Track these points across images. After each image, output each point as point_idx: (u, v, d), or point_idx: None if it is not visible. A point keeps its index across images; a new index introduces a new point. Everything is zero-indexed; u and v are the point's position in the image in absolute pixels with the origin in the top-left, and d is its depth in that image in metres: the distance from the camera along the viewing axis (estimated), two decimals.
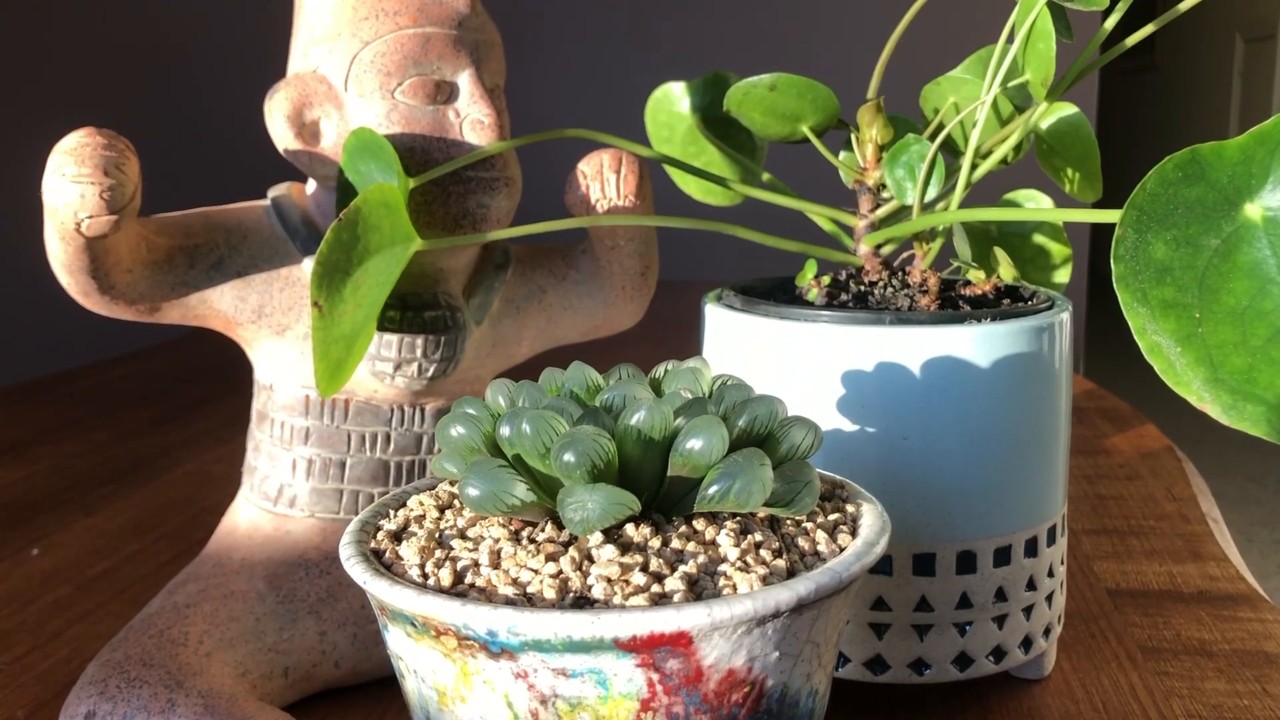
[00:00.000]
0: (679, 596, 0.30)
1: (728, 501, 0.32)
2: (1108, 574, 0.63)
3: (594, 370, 0.37)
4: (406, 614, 0.31)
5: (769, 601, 0.29)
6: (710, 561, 0.32)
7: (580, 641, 0.29)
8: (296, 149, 0.50)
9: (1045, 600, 0.51)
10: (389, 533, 0.35)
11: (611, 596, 0.30)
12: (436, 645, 0.31)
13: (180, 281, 0.50)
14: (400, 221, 0.45)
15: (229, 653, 0.48)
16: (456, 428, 0.34)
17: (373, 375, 0.51)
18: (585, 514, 0.31)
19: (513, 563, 0.32)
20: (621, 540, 0.32)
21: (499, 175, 0.50)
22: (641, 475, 0.33)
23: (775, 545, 0.33)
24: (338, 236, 0.43)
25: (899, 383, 0.47)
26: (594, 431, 0.31)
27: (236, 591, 0.50)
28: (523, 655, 0.29)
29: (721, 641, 0.30)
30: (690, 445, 0.32)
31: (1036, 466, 0.49)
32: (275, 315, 0.51)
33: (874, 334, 0.47)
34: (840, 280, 0.53)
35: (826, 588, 0.30)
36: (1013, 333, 0.47)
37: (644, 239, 0.54)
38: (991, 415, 0.47)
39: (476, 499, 0.32)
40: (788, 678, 0.31)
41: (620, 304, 0.56)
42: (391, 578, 0.32)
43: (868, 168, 0.52)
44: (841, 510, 0.36)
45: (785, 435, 0.34)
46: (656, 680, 0.30)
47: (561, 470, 0.31)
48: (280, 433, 0.53)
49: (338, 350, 0.44)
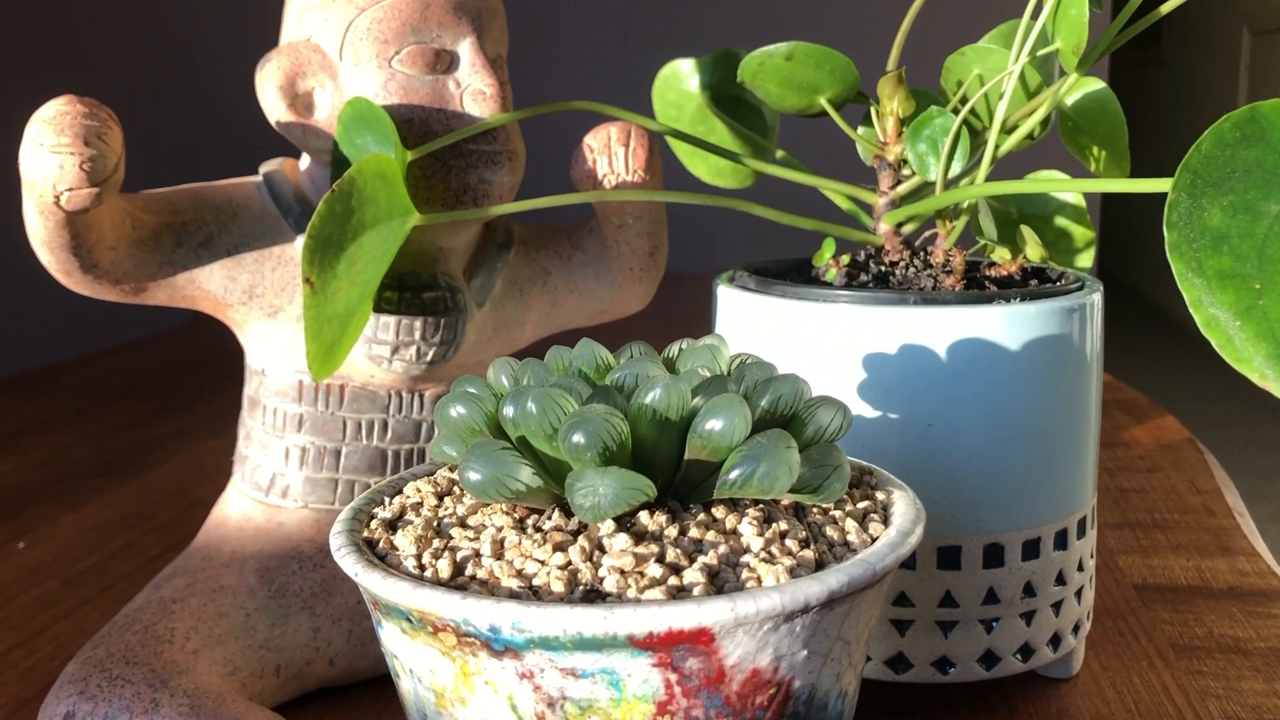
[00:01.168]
0: (699, 590, 0.27)
1: (750, 487, 0.29)
2: (1133, 569, 0.60)
3: (603, 348, 0.34)
4: (401, 609, 0.28)
5: (798, 595, 0.27)
6: (732, 552, 0.29)
7: (591, 639, 0.26)
8: (289, 121, 0.47)
9: (1074, 596, 0.48)
10: (383, 521, 0.32)
11: (625, 590, 0.27)
12: (434, 643, 0.28)
13: (167, 260, 0.47)
14: (397, 194, 0.42)
15: (217, 650, 0.45)
16: (456, 408, 0.31)
17: (369, 359, 0.48)
18: (596, 500, 0.28)
19: (517, 553, 0.29)
20: (635, 529, 0.30)
21: (501, 149, 0.47)
22: (657, 459, 0.30)
23: (802, 535, 0.30)
24: (330, 209, 0.40)
25: (923, 366, 0.44)
26: (605, 411, 0.28)
27: (226, 586, 0.47)
28: (528, 654, 0.27)
29: (746, 639, 0.27)
30: (710, 426, 0.29)
31: (1066, 455, 0.46)
32: (267, 296, 0.48)
33: (897, 315, 0.44)
34: (859, 260, 0.50)
35: (859, 580, 0.28)
36: (1043, 314, 0.45)
37: (653, 217, 0.52)
38: (1020, 401, 0.45)
39: (478, 484, 0.29)
40: (816, 678, 0.29)
41: (628, 286, 0.53)
42: (385, 569, 0.29)
43: (888, 142, 0.50)
44: (871, 498, 0.33)
45: (811, 416, 0.31)
46: (675, 681, 0.27)
47: (570, 452, 0.28)
48: (272, 420, 0.50)
49: (331, 330, 0.41)
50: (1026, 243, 0.50)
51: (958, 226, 0.49)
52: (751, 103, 0.62)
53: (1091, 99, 0.55)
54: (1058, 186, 0.43)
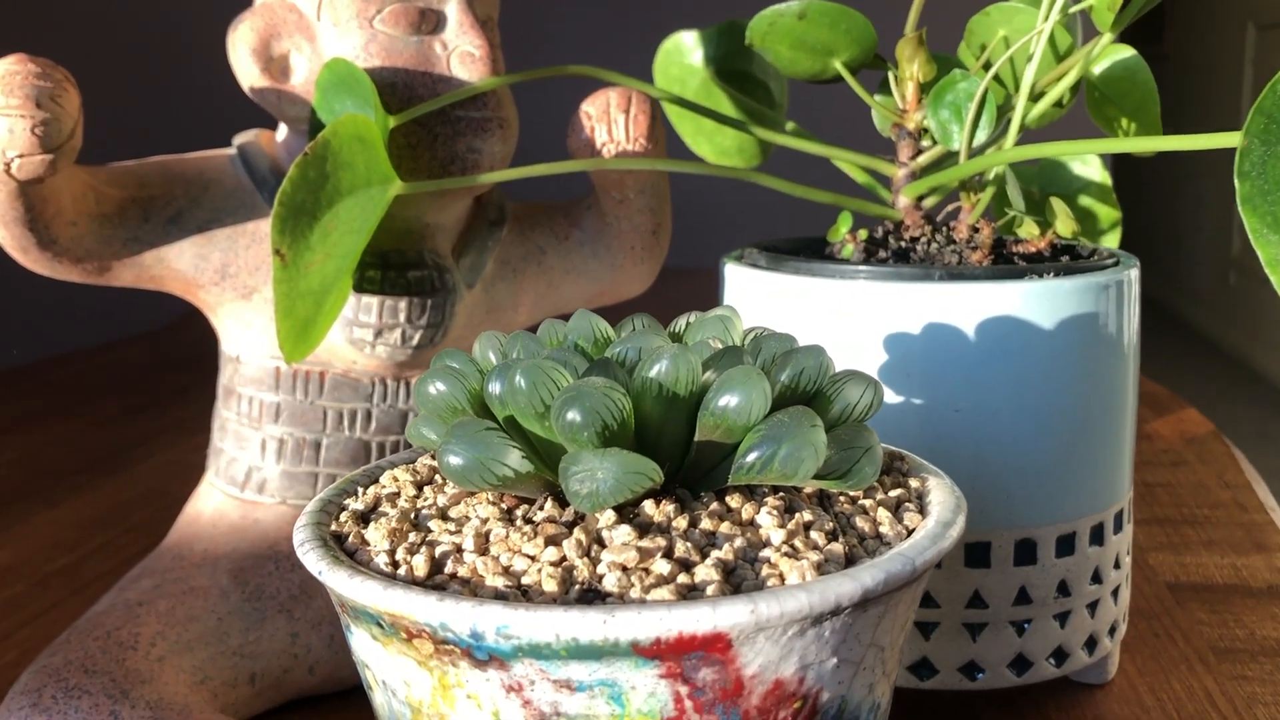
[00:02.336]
0: (713, 589, 0.23)
1: (770, 471, 0.25)
2: (1165, 567, 0.56)
3: (602, 320, 0.30)
4: (370, 611, 0.24)
5: (827, 595, 0.23)
6: (750, 546, 0.25)
7: (589, 646, 0.22)
8: (263, 86, 0.43)
9: (1111, 595, 0.44)
10: (355, 514, 0.28)
11: (628, 589, 0.23)
12: (409, 651, 0.24)
13: (133, 237, 0.43)
14: (377, 159, 0.38)
15: (186, 657, 0.41)
16: (436, 384, 0.27)
17: (350, 343, 0.44)
18: (594, 486, 0.24)
19: (504, 548, 0.25)
20: (639, 520, 0.26)
21: (492, 115, 0.44)
22: (663, 440, 0.26)
23: (829, 526, 0.26)
24: (303, 174, 0.36)
25: (949, 347, 0.40)
26: (605, 385, 0.25)
27: (197, 588, 0.43)
28: (516, 663, 0.23)
29: (768, 645, 0.23)
30: (724, 403, 0.25)
31: (1103, 443, 0.43)
32: (241, 276, 0.45)
33: (921, 292, 0.40)
34: (877, 237, 0.46)
35: (897, 577, 0.24)
36: (1077, 290, 0.41)
37: (656, 191, 0.48)
38: (1054, 384, 0.41)
39: (459, 469, 0.25)
40: (847, 689, 0.25)
41: (629, 267, 0.49)
42: (354, 567, 0.25)
43: (908, 109, 0.46)
44: (904, 486, 0.29)
45: (838, 393, 0.27)
46: (685, 695, 0.23)
47: (565, 432, 0.25)
48: (248, 410, 0.46)
49: (304, 307, 0.37)
50: (1056, 216, 0.46)
51: (983, 199, 0.46)
52: (758, 77, 0.58)
53: (1121, 68, 0.51)
54: (1105, 147, 0.39)
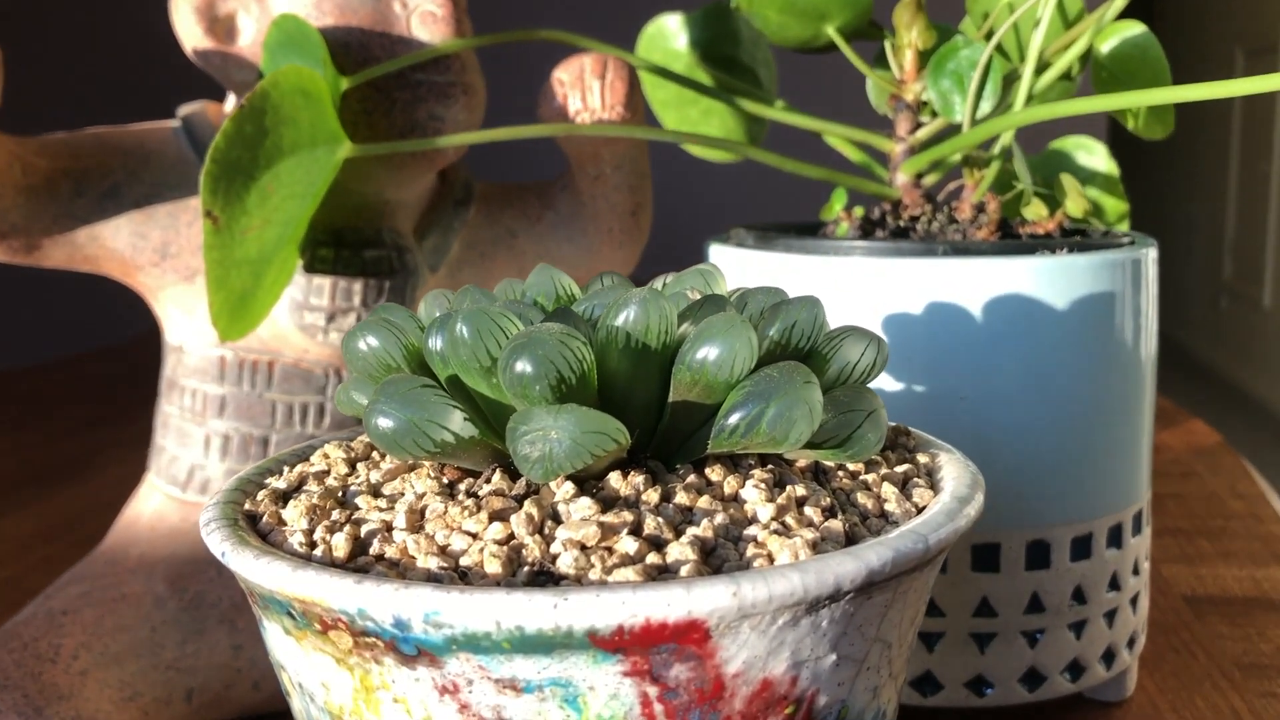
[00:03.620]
0: (687, 569, 0.19)
1: (757, 435, 0.21)
2: (1180, 579, 0.52)
3: (567, 276, 0.26)
4: (279, 598, 0.20)
5: (825, 576, 0.19)
6: (732, 523, 0.21)
7: (537, 636, 0.18)
8: (207, 49, 0.40)
9: (1129, 603, 0.40)
10: (274, 493, 0.24)
11: (586, 571, 0.19)
12: (325, 646, 0.20)
13: (65, 213, 0.39)
14: (324, 117, 0.34)
15: (113, 670, 0.37)
16: (367, 339, 0.23)
17: (301, 330, 0.40)
18: (547, 448, 0.20)
19: (441, 524, 0.21)
20: (603, 494, 0.22)
21: (455, 80, 0.40)
22: (631, 402, 0.22)
23: (825, 502, 0.22)
24: (238, 128, 0.32)
25: (954, 330, 0.36)
26: (562, 330, 0.21)
27: (129, 595, 0.39)
28: (450, 659, 0.19)
29: (754, 637, 0.19)
30: (702, 355, 0.21)
31: (1122, 436, 0.39)
32: (183, 256, 0.41)
33: (923, 269, 0.36)
34: (874, 218, 0.42)
35: (908, 557, 0.20)
36: (1093, 268, 0.37)
37: (634, 168, 0.44)
38: (1069, 370, 0.37)
39: (390, 433, 0.21)
40: (848, 693, 0.21)
41: (606, 251, 0.45)
42: (262, 548, 0.21)
43: (906, 79, 0.42)
44: (911, 462, 0.25)
45: (835, 351, 0.23)
46: (655, 697, 0.19)
47: (513, 386, 0.21)
48: (191, 403, 0.42)
49: (240, 278, 0.33)
50: (1066, 194, 0.43)
51: (988, 175, 0.42)
52: (746, 63, 0.55)
53: (1131, 45, 0.47)
54: (1133, 100, 0.35)
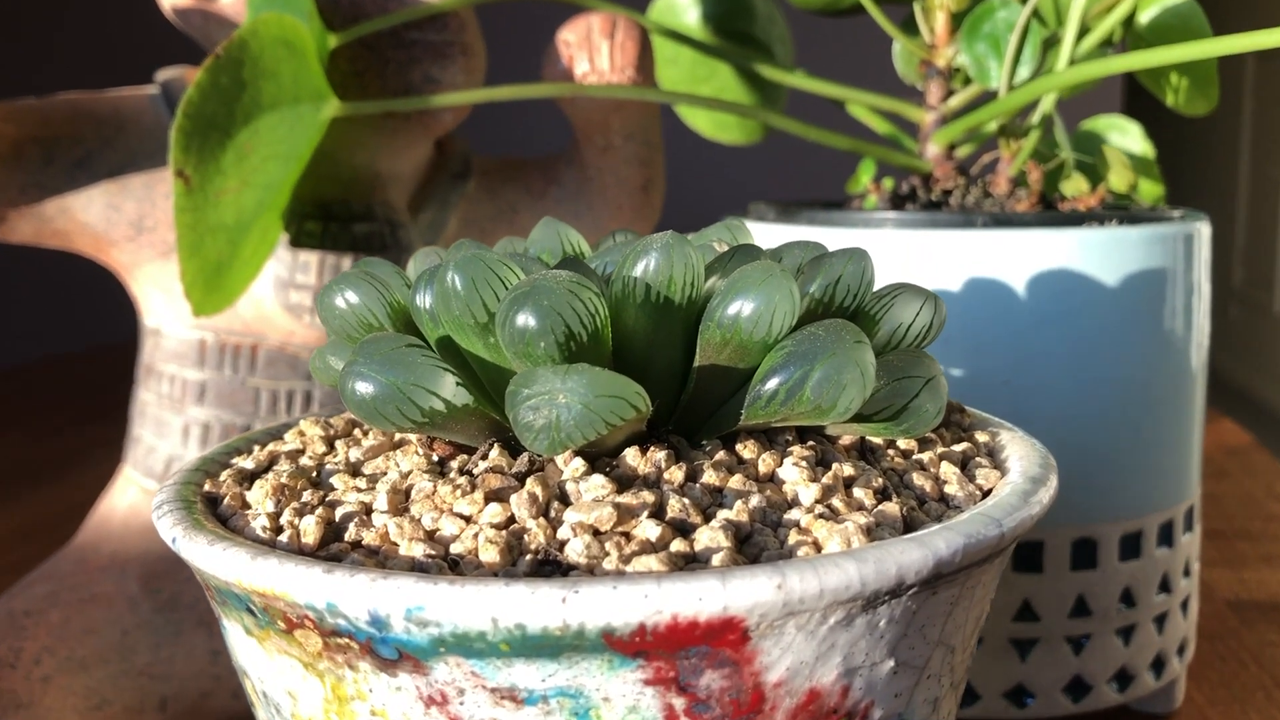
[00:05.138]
0: (720, 558, 0.16)
1: (799, 403, 0.18)
2: (1223, 583, 0.49)
3: (575, 232, 0.23)
4: (237, 592, 0.17)
5: (886, 566, 0.16)
6: (771, 506, 0.18)
7: (543, 637, 0.15)
8: (187, 7, 0.36)
9: (1180, 607, 0.37)
10: (239, 473, 0.21)
11: (600, 560, 0.16)
12: (291, 648, 0.17)
13: (32, 182, 0.36)
14: (308, 71, 0.31)
15: (79, 677, 0.34)
16: (346, 294, 0.20)
17: (286, 310, 0.37)
18: (554, 414, 0.17)
19: (429, 506, 0.18)
20: (618, 472, 0.18)
21: (453, 39, 0.37)
22: (652, 366, 0.19)
23: (877, 483, 0.19)
24: (213, 79, 0.29)
25: (995, 309, 0.33)
26: (570, 279, 0.17)
27: (99, 595, 0.36)
28: (437, 664, 0.16)
29: (800, 639, 0.16)
30: (735, 310, 0.18)
31: (1175, 425, 0.35)
32: (159, 230, 0.37)
33: (961, 242, 0.33)
34: (903, 192, 0.39)
35: (981, 545, 0.17)
36: (1146, 241, 0.34)
37: (645, 138, 0.41)
38: (1118, 354, 0.34)
39: (370, 400, 0.18)
40: (905, 705, 0.18)
41: (615, 228, 0.42)
42: (217, 533, 0.18)
43: (938, 44, 0.39)
44: (969, 440, 0.22)
45: (885, 310, 0.20)
46: (681, 710, 0.16)
47: (514, 344, 0.17)
48: (169, 390, 0.39)
49: (215, 246, 0.30)
50: (1110, 167, 0.39)
51: (1026, 146, 0.39)
52: (761, 39, 0.52)
53: (1171, 15, 0.44)
54: (1196, 52, 0.32)
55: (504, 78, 0.38)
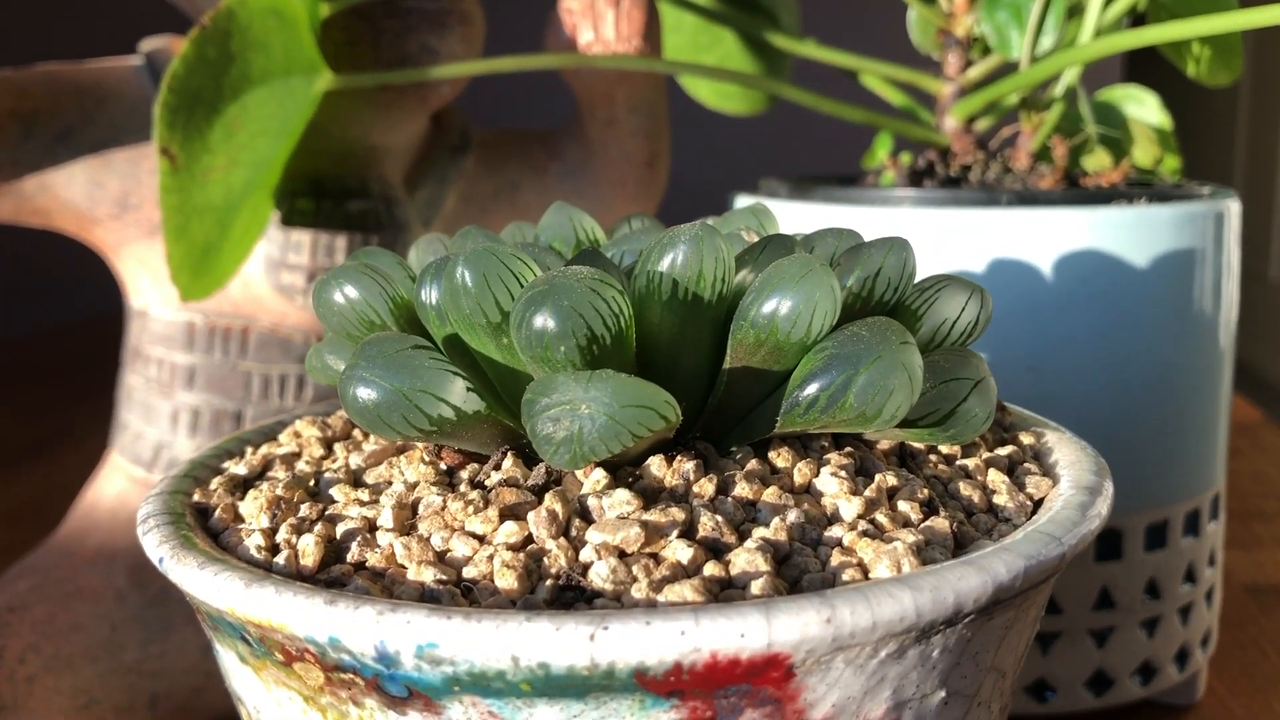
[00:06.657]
0: (760, 584, 0.15)
1: (842, 410, 0.16)
2: (1239, 567, 0.48)
3: (589, 218, 0.21)
4: (230, 620, 0.15)
5: (943, 595, 0.14)
6: (809, 522, 0.16)
7: (568, 677, 0.14)
8: None
9: (1204, 598, 0.36)
10: (231, 481, 0.19)
11: (628, 586, 0.15)
12: (290, 681, 0.15)
13: (10, 158, 0.34)
14: (299, 42, 0.29)
15: (66, 676, 0.32)
16: (345, 289, 0.19)
17: (278, 291, 0.35)
18: (576, 426, 0.15)
19: (438, 523, 0.16)
20: (643, 484, 0.17)
21: (451, 7, 0.35)
22: (678, 369, 0.18)
23: (922, 494, 0.17)
24: (200, 52, 0.27)
25: (1020, 291, 0.32)
26: (592, 275, 0.16)
27: (86, 589, 0.35)
28: (451, 703, 0.14)
29: (849, 674, 0.14)
30: (770, 308, 0.17)
31: (1202, 412, 0.34)
32: (144, 208, 0.36)
33: (983, 221, 0.32)
34: (920, 167, 0.38)
35: (1042, 566, 0.15)
36: (1175, 221, 0.32)
37: (650, 112, 0.39)
38: (1147, 337, 0.32)
39: (373, 407, 0.17)
40: None
41: (619, 205, 0.40)
42: (209, 554, 0.16)
43: (956, 13, 0.37)
44: (1014, 442, 0.21)
45: (928, 305, 0.19)
46: None
47: (531, 346, 0.16)
48: (156, 374, 0.37)
49: (203, 227, 0.28)
50: (1135, 141, 0.38)
51: (1049, 120, 0.37)
52: (766, 5, 0.50)
53: None
54: (1230, 24, 0.30)
55: (504, 48, 0.36)
